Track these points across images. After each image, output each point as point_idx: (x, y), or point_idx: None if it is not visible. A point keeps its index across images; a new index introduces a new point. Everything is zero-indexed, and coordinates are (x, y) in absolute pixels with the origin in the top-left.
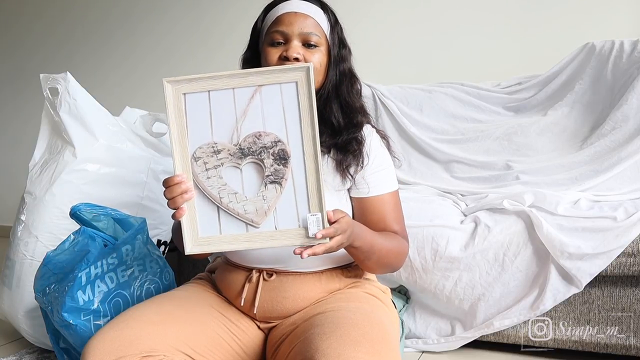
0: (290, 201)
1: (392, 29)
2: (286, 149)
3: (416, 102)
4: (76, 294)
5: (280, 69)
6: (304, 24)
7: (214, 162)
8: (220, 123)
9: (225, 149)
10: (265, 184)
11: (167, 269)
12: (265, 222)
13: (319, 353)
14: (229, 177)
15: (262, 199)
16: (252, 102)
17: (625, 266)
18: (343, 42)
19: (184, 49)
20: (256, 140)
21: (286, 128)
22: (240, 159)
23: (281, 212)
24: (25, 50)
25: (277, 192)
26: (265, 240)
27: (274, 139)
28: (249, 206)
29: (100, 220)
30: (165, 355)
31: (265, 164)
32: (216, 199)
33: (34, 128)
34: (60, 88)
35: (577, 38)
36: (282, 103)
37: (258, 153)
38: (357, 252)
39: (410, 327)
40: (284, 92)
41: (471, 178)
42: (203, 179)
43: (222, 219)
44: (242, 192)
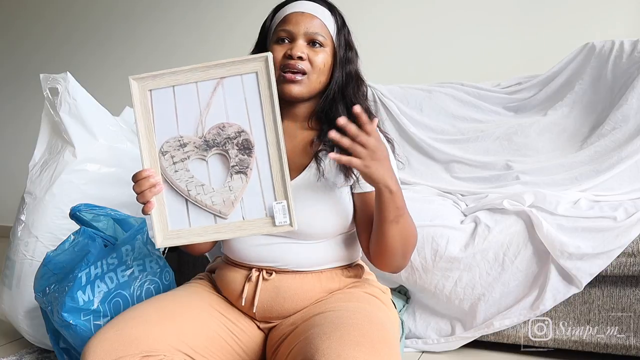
0: (256, 190)
1: (392, 29)
2: (250, 139)
3: (416, 102)
4: (76, 294)
5: (240, 60)
6: (310, 24)
7: (181, 155)
8: (185, 117)
9: (191, 142)
10: (231, 174)
11: (167, 269)
12: (233, 213)
13: (319, 353)
14: (196, 170)
15: (229, 189)
16: (214, 94)
17: (625, 266)
18: (350, 45)
19: (184, 49)
20: (220, 131)
21: (249, 118)
22: (206, 151)
23: (248, 202)
24: (25, 50)
25: (243, 182)
26: (234, 231)
27: (237, 130)
28: (216, 197)
29: (100, 221)
30: (165, 355)
31: (230, 155)
32: (184, 192)
33: (34, 128)
34: (60, 88)
35: (577, 38)
36: (244, 94)
37: (222, 144)
38: (391, 202)
39: (410, 327)
40: (245, 83)
41: (471, 178)
42: (171, 173)
43: (190, 211)
44: (209, 184)
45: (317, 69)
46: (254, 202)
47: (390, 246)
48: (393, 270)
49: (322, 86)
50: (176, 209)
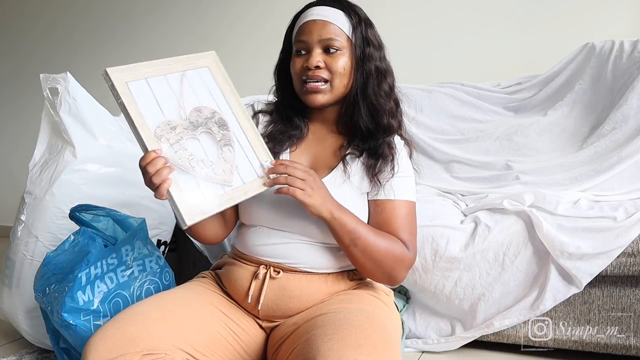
0: (244, 157)
1: (392, 30)
2: (222, 117)
3: (416, 102)
4: (76, 294)
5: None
6: (323, 31)
7: (175, 137)
8: (166, 104)
9: (179, 125)
10: (221, 147)
11: (167, 269)
12: (234, 179)
13: (320, 355)
14: (192, 148)
15: (224, 160)
16: (183, 84)
17: (625, 266)
18: (368, 40)
19: (184, 49)
20: (199, 114)
21: (215, 101)
22: (195, 131)
23: (241, 168)
24: (25, 50)
25: (232, 152)
26: (242, 194)
27: (211, 111)
28: (217, 168)
29: (99, 221)
30: (166, 354)
31: (213, 131)
32: (189, 169)
33: (34, 128)
34: (60, 88)
35: (577, 38)
36: (204, 83)
37: (205, 124)
38: (340, 228)
39: (410, 327)
40: (202, 75)
41: (471, 178)
42: (172, 154)
43: (201, 185)
44: (207, 158)
45: (338, 73)
46: (246, 167)
47: (362, 268)
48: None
49: (347, 89)
50: (189, 187)
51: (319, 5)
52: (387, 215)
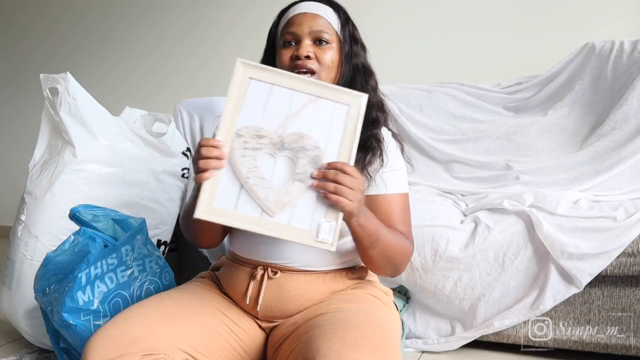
0: (311, 203)
1: (392, 29)
2: (321, 157)
3: (416, 102)
4: (76, 294)
5: (340, 89)
6: (314, 23)
7: (254, 144)
8: (272, 114)
9: (268, 137)
10: (293, 180)
11: (167, 269)
12: (280, 214)
13: (320, 354)
14: (262, 163)
15: (286, 192)
16: (306, 107)
17: (625, 266)
18: (355, 39)
19: (184, 49)
20: (298, 139)
21: (327, 140)
22: (279, 150)
23: (299, 210)
24: (24, 50)
25: (302, 190)
26: (275, 231)
27: (314, 145)
28: (271, 195)
29: (99, 221)
30: (166, 354)
31: (298, 163)
32: (242, 178)
33: (34, 128)
34: (60, 88)
35: (577, 38)
36: (331, 119)
37: (296, 151)
38: (363, 233)
39: (410, 327)
40: (335, 110)
41: (471, 178)
42: (238, 155)
43: (241, 197)
44: (270, 180)
45: (326, 66)
46: (304, 212)
47: (375, 265)
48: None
49: (333, 82)
50: (228, 190)
51: (306, 1)
52: (384, 211)
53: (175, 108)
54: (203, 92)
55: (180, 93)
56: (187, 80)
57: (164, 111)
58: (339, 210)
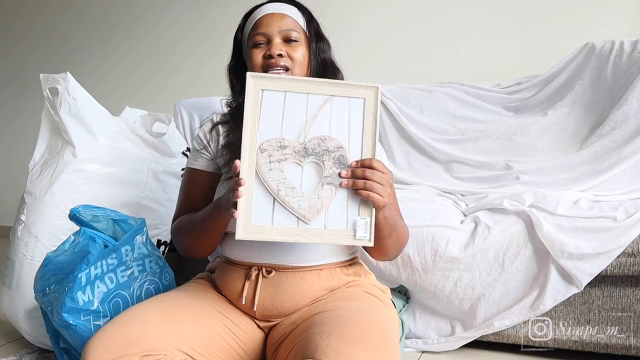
0: (343, 203)
1: (391, 29)
2: (346, 156)
3: (416, 102)
4: (76, 294)
5: (353, 84)
6: (282, 22)
7: (279, 156)
8: (290, 122)
9: (290, 146)
10: (323, 184)
11: (166, 269)
12: (316, 220)
13: (319, 351)
14: (290, 172)
15: (317, 197)
16: (322, 108)
17: (625, 266)
18: (320, 36)
19: (184, 49)
20: (321, 142)
21: (349, 137)
22: (303, 157)
23: (332, 212)
24: (24, 50)
25: (332, 193)
26: (314, 236)
27: (336, 145)
28: (304, 202)
29: (99, 221)
30: (165, 355)
31: (325, 166)
32: (274, 191)
33: (34, 128)
34: (60, 88)
35: (577, 38)
36: (349, 115)
37: (320, 155)
38: (386, 224)
39: (410, 327)
40: (351, 106)
41: (471, 178)
42: (265, 170)
43: (276, 210)
44: (300, 188)
45: (298, 62)
46: (338, 213)
47: (384, 252)
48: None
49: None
50: (262, 206)
51: (271, 2)
52: None
53: (175, 108)
54: (203, 92)
55: (180, 93)
56: (187, 80)
57: (164, 111)
58: (371, 206)
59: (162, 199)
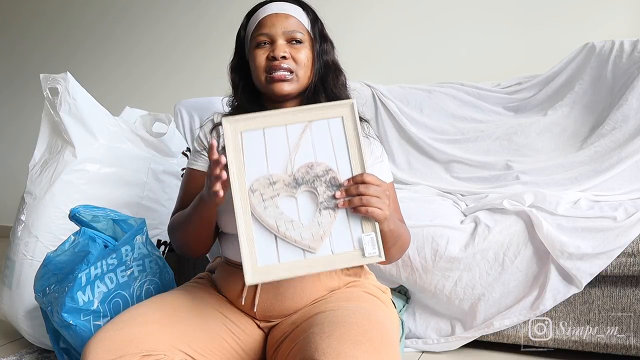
0: (344, 225)
1: (391, 29)
2: (337, 177)
3: (416, 102)
4: (76, 294)
5: (328, 105)
6: (287, 23)
7: (270, 192)
8: (274, 156)
9: (280, 180)
10: (320, 210)
11: (166, 269)
12: (322, 247)
13: (319, 352)
14: (285, 206)
15: (318, 224)
16: (303, 136)
17: (625, 266)
18: (325, 37)
19: (184, 49)
20: (309, 170)
21: (335, 158)
22: (295, 189)
23: (336, 236)
24: (24, 50)
25: (331, 217)
26: (324, 265)
27: (325, 168)
28: (306, 233)
29: (99, 222)
30: (165, 355)
31: (318, 192)
32: (273, 228)
33: (34, 128)
34: (60, 88)
35: (577, 38)
36: (331, 136)
37: (311, 182)
38: (390, 235)
39: (410, 327)
40: (331, 126)
41: (471, 178)
42: (260, 210)
43: (280, 247)
44: (298, 220)
45: (302, 64)
46: (342, 235)
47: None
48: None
49: (309, 81)
50: (265, 245)
51: (275, 1)
52: None
53: (175, 108)
54: (203, 92)
55: (180, 93)
56: (187, 80)
57: (164, 111)
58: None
59: (162, 199)
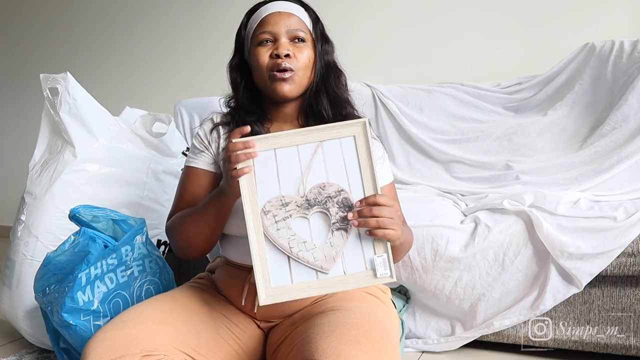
0: (357, 245)
1: (392, 29)
2: (349, 197)
3: (416, 102)
4: (76, 294)
5: (340, 125)
6: (290, 22)
7: (283, 214)
8: (286, 177)
9: (292, 201)
10: (332, 231)
11: (166, 269)
12: (334, 268)
13: (319, 352)
14: (298, 227)
15: (330, 245)
16: (315, 156)
17: (625, 266)
18: (326, 38)
19: (184, 49)
20: (321, 190)
21: (347, 178)
22: (307, 210)
23: (349, 256)
24: (24, 49)
25: (344, 238)
26: (336, 285)
27: (337, 189)
28: (318, 253)
29: (99, 222)
30: (165, 355)
31: (330, 212)
32: (286, 249)
33: (34, 128)
34: (60, 88)
35: (577, 38)
36: (343, 155)
37: (323, 203)
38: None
39: (410, 327)
40: (343, 146)
41: (471, 178)
42: (273, 231)
43: (292, 268)
44: (311, 241)
45: (303, 64)
46: (354, 256)
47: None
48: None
49: (310, 81)
50: (278, 266)
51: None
52: None
53: (175, 108)
54: (203, 92)
55: (180, 93)
56: (187, 80)
57: (164, 111)
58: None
59: (162, 199)
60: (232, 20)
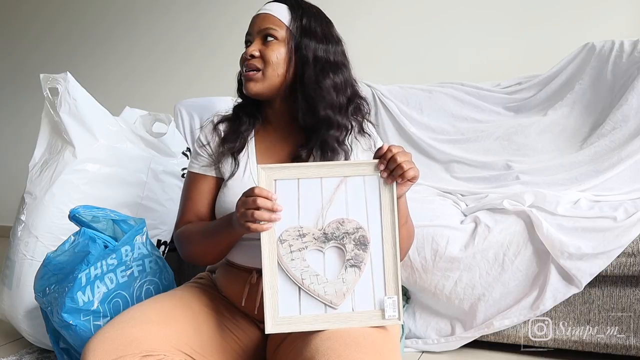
0: (368, 284)
1: (392, 29)
2: (366, 236)
3: (416, 102)
4: (76, 294)
5: (365, 163)
6: (263, 22)
7: (299, 244)
8: (307, 208)
9: (310, 233)
10: (346, 267)
11: (166, 269)
12: (343, 304)
13: (319, 353)
14: (312, 260)
15: (342, 281)
16: (337, 190)
17: (625, 266)
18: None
19: (184, 49)
20: (339, 226)
21: (367, 216)
22: (324, 243)
23: (359, 294)
24: (24, 49)
25: (356, 275)
26: (343, 321)
27: (355, 226)
28: (329, 288)
29: (99, 222)
30: (165, 355)
31: (346, 249)
32: (298, 280)
33: (34, 128)
34: (60, 88)
35: (577, 38)
36: (365, 193)
37: (341, 238)
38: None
39: (410, 327)
40: (367, 184)
41: (471, 178)
42: (287, 261)
43: (302, 299)
44: (323, 274)
45: (270, 62)
46: (364, 294)
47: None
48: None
49: (283, 79)
50: (288, 296)
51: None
52: None
53: (175, 108)
54: (203, 92)
55: (180, 93)
56: (187, 80)
57: (164, 111)
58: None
59: (162, 199)
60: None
